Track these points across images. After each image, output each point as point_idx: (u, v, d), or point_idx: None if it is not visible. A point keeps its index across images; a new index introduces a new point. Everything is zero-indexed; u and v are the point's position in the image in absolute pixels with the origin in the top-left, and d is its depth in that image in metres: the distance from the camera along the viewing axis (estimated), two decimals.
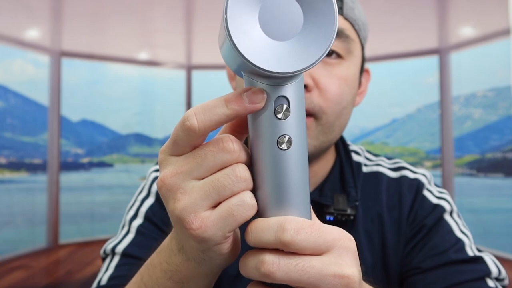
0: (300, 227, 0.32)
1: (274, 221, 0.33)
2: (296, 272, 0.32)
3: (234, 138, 0.34)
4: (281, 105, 0.32)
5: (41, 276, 3.88)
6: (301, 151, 0.33)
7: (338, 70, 0.63)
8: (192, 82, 5.65)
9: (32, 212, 4.97)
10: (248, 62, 0.30)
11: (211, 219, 0.33)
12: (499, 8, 3.68)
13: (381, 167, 0.74)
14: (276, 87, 0.32)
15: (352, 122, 0.70)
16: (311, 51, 0.30)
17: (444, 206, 0.68)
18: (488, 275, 0.61)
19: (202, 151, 0.34)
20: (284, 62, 0.30)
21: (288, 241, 0.32)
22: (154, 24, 4.40)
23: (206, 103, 0.33)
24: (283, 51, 0.30)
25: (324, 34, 0.30)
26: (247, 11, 0.30)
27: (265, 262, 0.32)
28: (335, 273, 0.32)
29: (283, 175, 0.33)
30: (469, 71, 5.27)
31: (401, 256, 0.67)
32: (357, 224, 0.68)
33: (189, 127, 0.33)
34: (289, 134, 0.33)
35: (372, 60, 5.28)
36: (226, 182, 0.33)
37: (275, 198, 0.34)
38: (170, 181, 0.34)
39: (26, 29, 4.36)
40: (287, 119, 0.32)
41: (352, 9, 0.65)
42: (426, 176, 0.74)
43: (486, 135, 6.00)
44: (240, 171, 0.33)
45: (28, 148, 5.33)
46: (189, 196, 0.34)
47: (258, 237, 0.33)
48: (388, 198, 0.70)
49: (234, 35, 0.29)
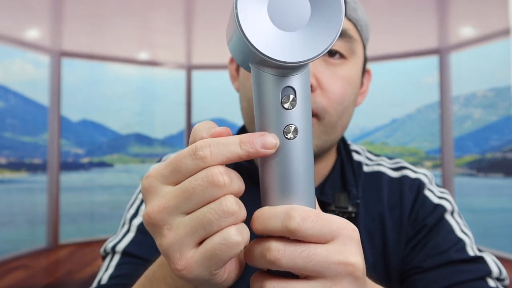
0: (306, 215, 0.33)
1: (281, 209, 0.33)
2: (301, 259, 0.33)
3: (224, 170, 0.33)
4: (288, 95, 0.33)
5: (41, 276, 3.88)
6: (306, 141, 0.34)
7: (341, 70, 0.64)
8: (192, 82, 5.65)
9: (32, 212, 4.97)
10: (257, 51, 0.30)
11: (194, 259, 0.33)
12: (499, 8, 3.68)
13: (382, 167, 0.74)
14: (283, 77, 0.33)
15: (352, 122, 0.71)
16: (317, 42, 0.31)
17: (445, 206, 0.69)
18: (489, 275, 0.61)
19: (190, 184, 0.33)
20: (291, 52, 0.31)
21: (294, 229, 0.32)
22: (154, 24, 4.41)
23: (220, 139, 0.33)
24: (290, 42, 0.31)
25: (330, 26, 0.31)
26: (256, 3, 0.31)
27: (271, 249, 0.33)
28: (339, 261, 0.33)
29: (289, 164, 0.34)
30: (469, 71, 5.28)
31: (402, 256, 0.67)
32: (358, 223, 0.68)
33: (202, 157, 0.33)
34: (295, 124, 0.33)
35: (372, 60, 5.28)
36: (212, 217, 0.32)
37: (281, 187, 0.34)
38: (157, 217, 0.34)
39: (26, 29, 4.36)
40: (294, 109, 0.33)
41: (355, 9, 0.65)
42: (427, 176, 0.74)
43: (486, 135, 6.00)
44: (228, 204, 0.32)
45: (28, 148, 5.33)
46: (175, 233, 0.33)
47: (264, 224, 0.34)
48: (389, 197, 0.71)
49: (244, 26, 0.30)
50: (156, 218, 0.34)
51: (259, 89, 0.34)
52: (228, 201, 0.32)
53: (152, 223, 0.34)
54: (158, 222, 0.34)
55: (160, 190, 0.34)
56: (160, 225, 0.34)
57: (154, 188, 0.35)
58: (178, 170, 0.34)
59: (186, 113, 5.66)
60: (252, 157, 0.33)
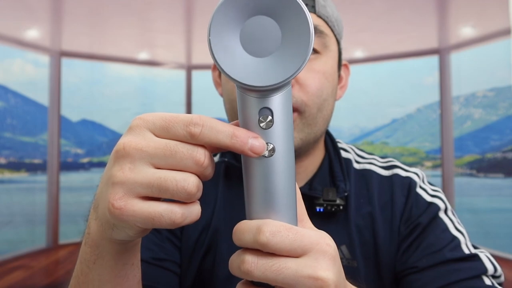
0: (276, 230, 0.34)
1: (254, 224, 0.35)
2: (272, 272, 0.34)
3: (209, 154, 0.35)
4: (265, 116, 0.34)
5: (41, 276, 3.89)
6: (285, 159, 0.35)
7: (316, 65, 0.66)
8: (192, 82, 5.65)
9: (32, 212, 4.97)
10: (230, 77, 0.32)
11: (133, 208, 0.34)
12: (499, 8, 3.68)
13: (373, 166, 0.75)
14: (262, 99, 0.34)
15: (352, 122, 0.71)
16: (288, 66, 0.33)
17: (438, 204, 0.69)
18: (484, 273, 0.61)
19: (175, 147, 0.34)
20: (263, 77, 0.32)
21: (263, 243, 0.34)
22: (154, 24, 4.41)
23: (217, 123, 0.35)
24: (262, 67, 0.33)
25: (300, 51, 0.32)
26: (229, 32, 0.33)
27: (244, 261, 0.35)
28: (309, 275, 0.34)
29: (266, 181, 0.35)
30: (469, 71, 5.28)
31: (394, 253, 0.68)
32: (349, 219, 0.69)
33: (191, 132, 0.34)
34: (272, 143, 0.35)
35: (372, 60, 5.28)
36: (170, 186, 0.34)
37: (258, 202, 0.36)
38: (130, 151, 0.35)
39: (26, 29, 4.36)
40: (270, 129, 0.34)
41: (324, 6, 0.68)
42: (418, 175, 0.74)
43: (486, 135, 6.00)
44: (190, 183, 0.34)
45: (28, 148, 5.33)
46: (133, 176, 0.34)
47: (240, 238, 0.36)
48: (380, 195, 0.71)
49: (217, 55, 0.32)
50: (128, 152, 0.35)
51: (241, 109, 0.35)
52: (192, 180, 0.34)
53: (122, 153, 0.35)
54: (127, 156, 0.35)
55: (146, 134, 0.35)
56: (127, 160, 0.35)
57: (142, 130, 0.36)
58: (168, 129, 0.35)
59: (186, 113, 5.65)
60: (237, 152, 0.35)
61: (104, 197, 0.36)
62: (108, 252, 0.41)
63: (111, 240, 0.40)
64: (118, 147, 0.35)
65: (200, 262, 0.68)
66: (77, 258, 0.45)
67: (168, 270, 0.65)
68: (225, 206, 0.70)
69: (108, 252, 0.41)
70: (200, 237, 0.69)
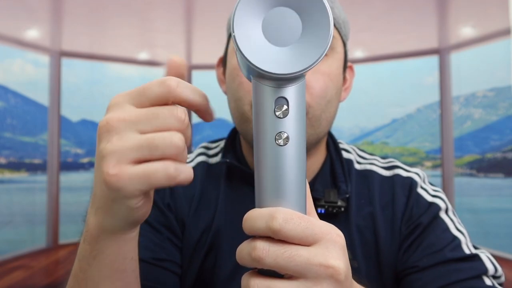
0: (289, 217, 0.35)
1: (266, 211, 0.36)
2: (283, 259, 0.34)
3: (186, 113, 0.37)
4: (281, 105, 0.36)
5: (41, 276, 3.89)
6: (298, 148, 0.36)
7: (322, 66, 0.66)
8: (192, 82, 5.65)
9: (32, 212, 4.97)
10: (253, 65, 0.34)
11: (128, 173, 0.35)
12: (499, 8, 3.68)
13: (374, 166, 0.76)
14: (278, 88, 0.36)
15: (352, 122, 0.72)
16: (307, 57, 0.34)
17: (439, 204, 0.69)
18: (485, 273, 0.61)
19: (155, 110, 0.36)
20: (283, 65, 0.34)
21: (277, 229, 0.34)
22: (154, 24, 4.41)
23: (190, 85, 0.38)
24: (282, 56, 0.34)
25: (319, 43, 0.34)
26: (252, 20, 0.34)
27: (256, 248, 0.35)
28: (320, 263, 0.34)
29: (279, 169, 0.36)
30: (469, 71, 5.28)
31: (395, 253, 0.68)
32: (350, 220, 0.69)
33: (169, 85, 0.36)
34: (287, 132, 0.36)
35: (372, 60, 5.28)
36: (160, 143, 0.35)
37: (271, 190, 0.37)
38: (114, 124, 0.36)
39: (26, 29, 4.36)
40: (286, 118, 0.36)
41: (332, 8, 0.68)
42: (419, 175, 0.74)
43: (486, 135, 6.00)
44: (176, 137, 0.35)
45: (28, 148, 5.33)
46: (122, 143, 0.35)
47: (251, 225, 0.36)
48: (381, 196, 0.71)
49: (241, 44, 0.34)
50: (113, 125, 0.36)
51: (257, 98, 0.37)
52: (177, 136, 0.36)
53: (106, 128, 0.36)
54: (112, 129, 0.36)
55: (124, 106, 0.37)
56: (112, 132, 0.36)
57: (120, 104, 0.37)
58: (144, 93, 0.37)
59: None
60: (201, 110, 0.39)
61: (99, 173, 0.37)
62: (108, 247, 0.41)
63: (111, 231, 0.40)
64: (101, 124, 0.36)
65: (201, 262, 0.68)
66: None
67: (169, 270, 0.65)
68: (226, 207, 0.70)
69: (108, 247, 0.41)
70: (202, 237, 0.69)
